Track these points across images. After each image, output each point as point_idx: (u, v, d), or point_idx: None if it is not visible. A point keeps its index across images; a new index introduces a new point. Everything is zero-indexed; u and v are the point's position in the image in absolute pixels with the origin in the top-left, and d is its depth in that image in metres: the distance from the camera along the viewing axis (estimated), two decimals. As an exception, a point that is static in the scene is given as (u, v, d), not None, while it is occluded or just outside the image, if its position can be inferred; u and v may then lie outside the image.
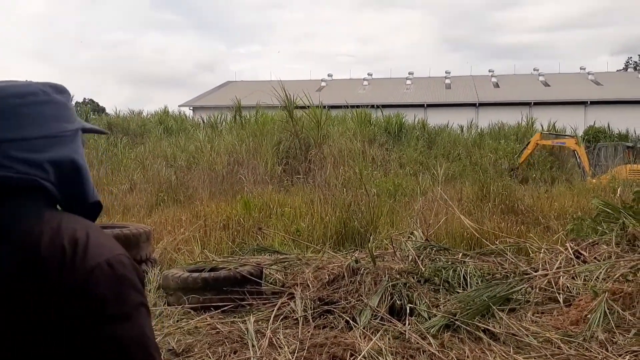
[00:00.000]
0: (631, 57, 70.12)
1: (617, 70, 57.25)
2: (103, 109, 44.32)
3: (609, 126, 33.31)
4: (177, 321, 4.26)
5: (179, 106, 46.94)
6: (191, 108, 47.01)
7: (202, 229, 7.49)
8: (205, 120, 23.14)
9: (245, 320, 4.08)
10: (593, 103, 40.53)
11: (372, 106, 26.83)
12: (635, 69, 57.17)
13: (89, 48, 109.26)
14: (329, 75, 55.72)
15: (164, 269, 5.44)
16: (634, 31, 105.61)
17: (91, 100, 51.32)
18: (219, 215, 8.20)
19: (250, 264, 5.10)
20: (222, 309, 4.46)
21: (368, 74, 55.91)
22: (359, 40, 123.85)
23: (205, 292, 4.59)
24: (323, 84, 51.76)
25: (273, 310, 4.25)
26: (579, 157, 19.52)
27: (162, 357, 1.01)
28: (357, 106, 22.87)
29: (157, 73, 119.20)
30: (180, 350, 3.67)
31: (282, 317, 4.16)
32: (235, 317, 4.34)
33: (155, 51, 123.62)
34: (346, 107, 22.00)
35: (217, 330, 3.99)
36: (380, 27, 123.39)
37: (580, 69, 52.20)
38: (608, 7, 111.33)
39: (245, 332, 3.86)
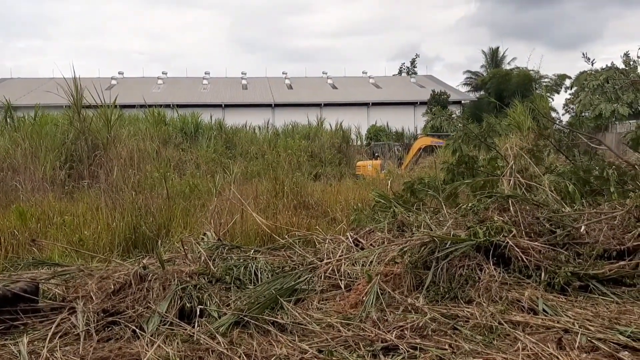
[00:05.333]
0: (404, 63, 78.67)
1: (393, 75, 63.88)
2: None
3: (387, 125, 37.13)
4: None
5: (-61, 106, 40.41)
6: (-46, 108, 40.81)
7: (-35, 245, 6.57)
8: (-28, 122, 20.29)
9: (17, 342, 3.67)
10: (374, 104, 44.69)
11: (168, 106, 26.09)
12: (407, 73, 64.21)
13: None
14: (120, 73, 52.82)
15: None
16: (406, 39, 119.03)
17: None
18: (-13, 229, 7.26)
19: (24, 279, 4.61)
20: (-10, 333, 3.94)
21: (163, 73, 54.26)
22: (152, 38, 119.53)
23: (-32, 315, 4.03)
24: (114, 82, 48.76)
25: (51, 328, 3.89)
26: (410, 151, 21.34)
27: None
28: (152, 105, 22.06)
29: None
30: None
31: (61, 334, 3.83)
32: (6, 339, 3.87)
33: None
34: (140, 106, 21.08)
35: (-16, 356, 3.52)
36: (173, 25, 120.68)
37: (363, 73, 57.15)
38: (384, 16, 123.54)
39: (18, 355, 3.48)
